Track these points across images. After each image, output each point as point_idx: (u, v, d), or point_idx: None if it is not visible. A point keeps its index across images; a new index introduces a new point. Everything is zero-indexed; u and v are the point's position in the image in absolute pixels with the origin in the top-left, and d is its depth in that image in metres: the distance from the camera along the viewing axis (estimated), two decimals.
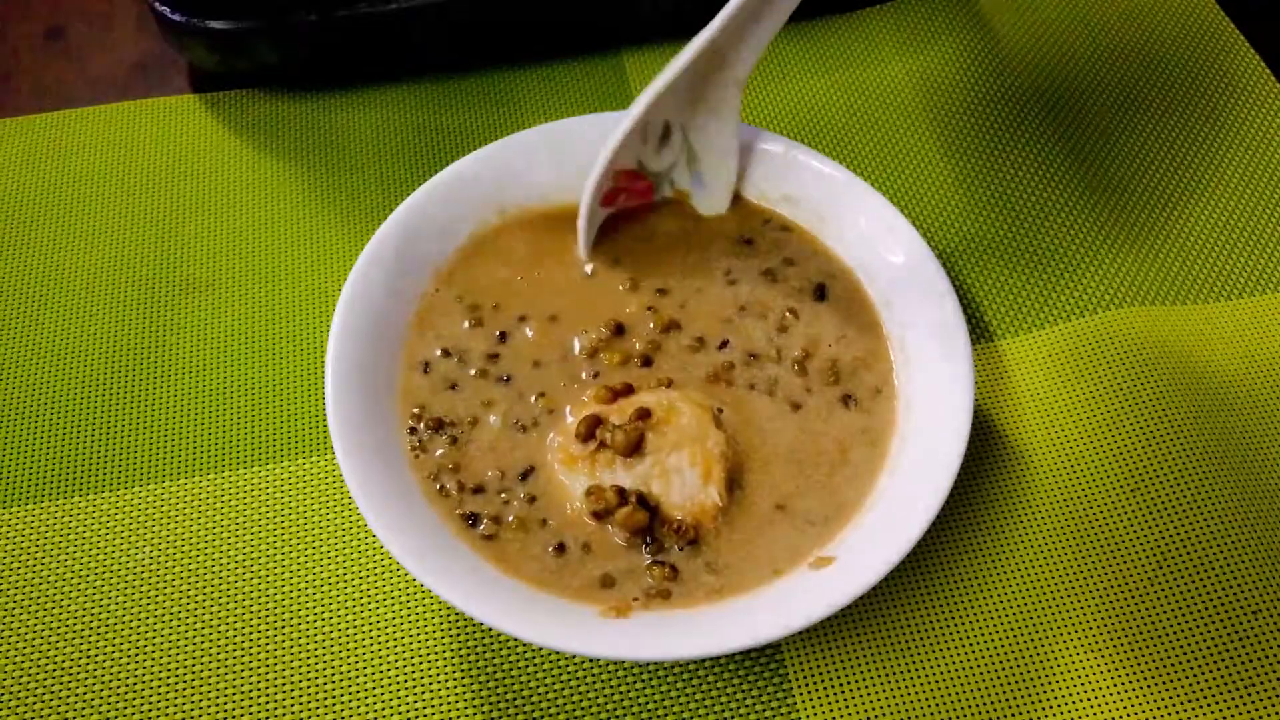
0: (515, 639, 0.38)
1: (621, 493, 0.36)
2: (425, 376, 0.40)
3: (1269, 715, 0.36)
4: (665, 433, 0.37)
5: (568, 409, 0.39)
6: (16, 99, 0.54)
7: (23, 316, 0.46)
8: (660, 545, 0.36)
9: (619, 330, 0.41)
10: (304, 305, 0.46)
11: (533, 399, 0.40)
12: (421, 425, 0.39)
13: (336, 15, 0.50)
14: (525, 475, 0.38)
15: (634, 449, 0.37)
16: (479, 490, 0.38)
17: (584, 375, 0.40)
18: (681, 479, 0.37)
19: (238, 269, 0.47)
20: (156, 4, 0.49)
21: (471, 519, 0.37)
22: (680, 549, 0.36)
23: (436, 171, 0.42)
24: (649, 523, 0.36)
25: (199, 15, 0.49)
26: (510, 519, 0.37)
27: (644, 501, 0.36)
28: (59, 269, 0.48)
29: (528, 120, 0.52)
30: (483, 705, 0.37)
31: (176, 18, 0.49)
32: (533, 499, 0.38)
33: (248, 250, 0.48)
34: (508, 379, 0.40)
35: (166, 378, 0.44)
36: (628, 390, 0.39)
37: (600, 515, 0.36)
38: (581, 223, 0.42)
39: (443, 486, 0.37)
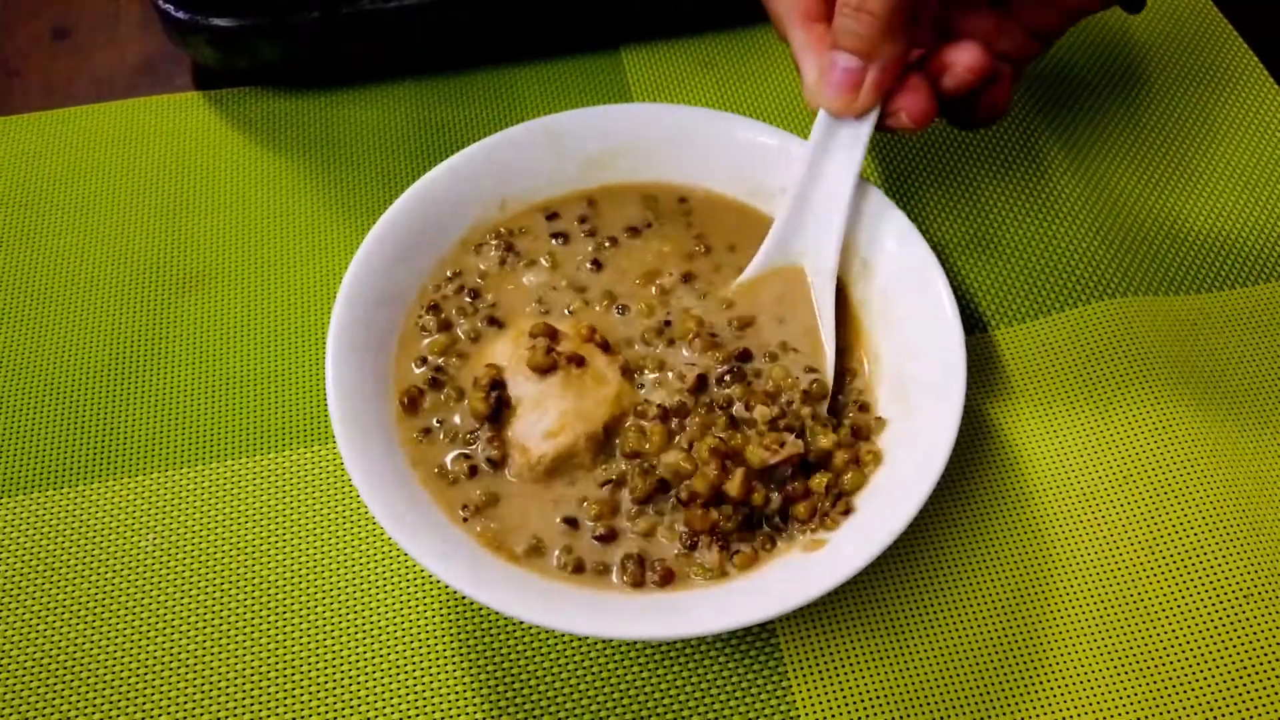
0: (516, 620, 0.38)
1: (495, 385, 0.39)
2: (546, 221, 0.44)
3: (1260, 698, 0.37)
4: (572, 384, 0.39)
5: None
6: (24, 97, 0.54)
7: (28, 308, 0.47)
8: (474, 441, 0.39)
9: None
10: (306, 297, 0.47)
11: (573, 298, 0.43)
12: (495, 241, 0.43)
13: (339, 13, 0.50)
14: (492, 320, 0.42)
15: (539, 370, 0.39)
16: (473, 296, 0.42)
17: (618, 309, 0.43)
18: (539, 420, 0.38)
19: (240, 262, 0.48)
20: (161, 2, 0.50)
21: (434, 308, 0.41)
22: (484, 456, 0.38)
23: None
24: (484, 417, 0.39)
25: (203, 13, 0.50)
26: (453, 331, 0.41)
27: (500, 405, 0.39)
28: (66, 262, 0.48)
29: (528, 116, 0.52)
30: (481, 688, 0.37)
31: (181, 15, 0.50)
32: (476, 337, 0.41)
33: (250, 244, 0.49)
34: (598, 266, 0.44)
35: (170, 368, 0.45)
36: (604, 345, 0.40)
37: (472, 384, 0.39)
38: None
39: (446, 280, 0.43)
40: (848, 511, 0.37)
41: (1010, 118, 0.52)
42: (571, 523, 0.37)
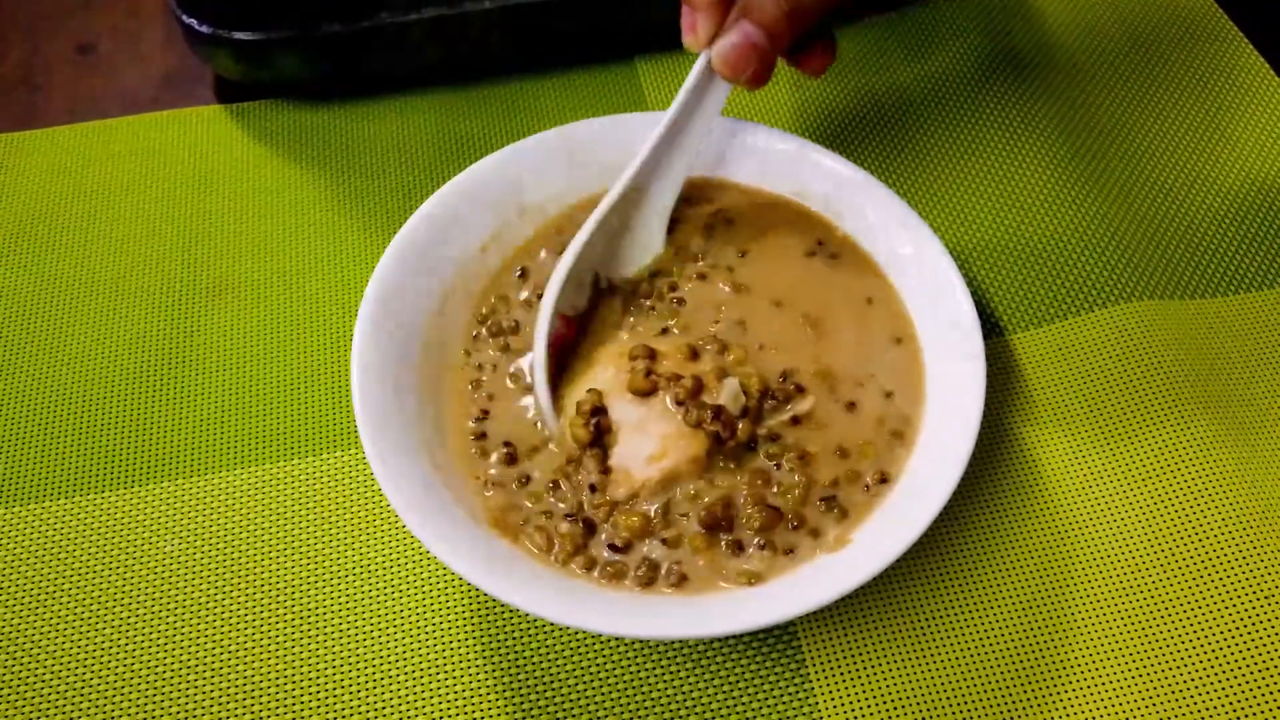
0: (541, 620, 0.39)
1: (596, 410, 0.38)
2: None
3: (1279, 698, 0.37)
4: (667, 414, 0.38)
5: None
6: (50, 112, 0.55)
7: (55, 319, 0.47)
8: (577, 465, 0.38)
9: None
10: (328, 305, 0.47)
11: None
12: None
13: (360, 26, 0.51)
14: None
15: (640, 394, 0.38)
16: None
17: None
18: (641, 445, 0.38)
19: (263, 272, 0.49)
20: (184, 16, 0.51)
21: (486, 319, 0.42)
22: (586, 483, 0.38)
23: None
24: (585, 444, 0.38)
25: (226, 27, 0.51)
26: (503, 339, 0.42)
27: (600, 430, 0.38)
28: (92, 273, 0.49)
29: (545, 127, 0.52)
30: (506, 690, 0.38)
31: (204, 30, 0.51)
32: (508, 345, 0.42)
33: (273, 254, 0.49)
34: None
35: (195, 377, 0.45)
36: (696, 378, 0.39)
37: (575, 410, 0.39)
38: (542, 390, 0.40)
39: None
40: (885, 480, 0.38)
41: (1023, 121, 0.53)
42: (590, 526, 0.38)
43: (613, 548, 0.37)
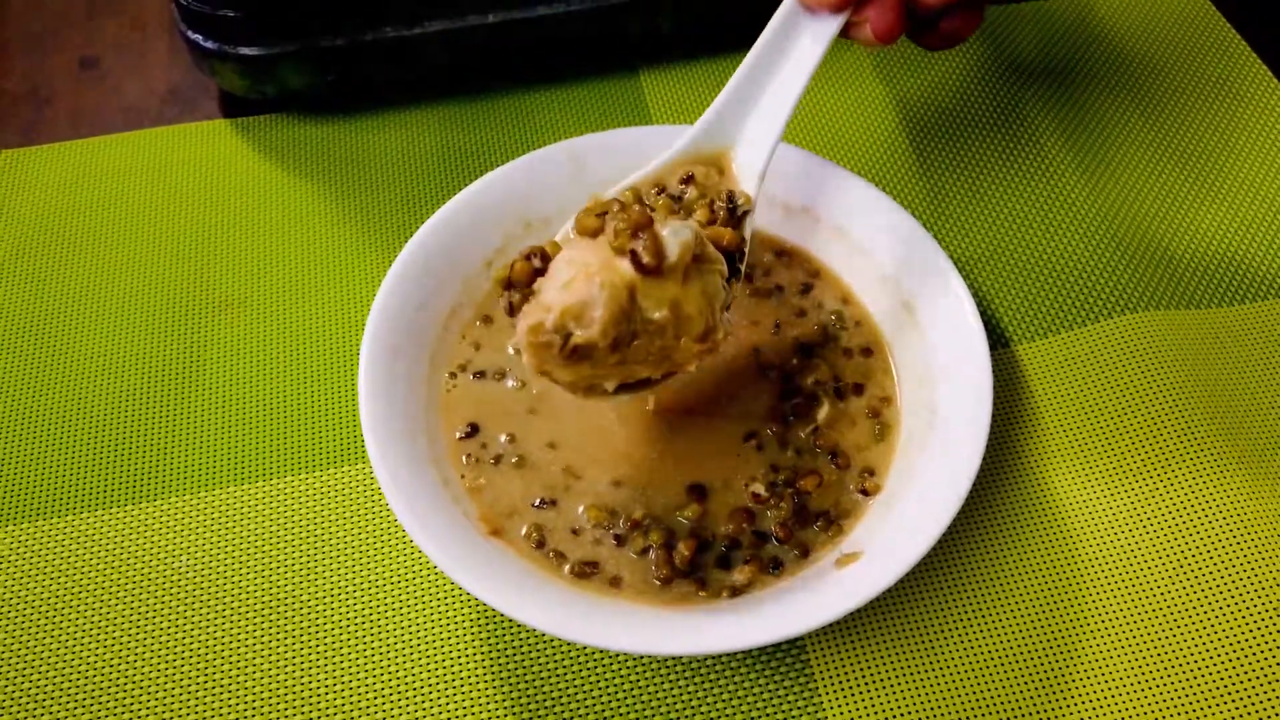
0: (546, 635, 0.38)
1: (534, 255, 0.35)
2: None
3: None
4: (602, 247, 0.33)
5: None
6: (53, 126, 0.55)
7: (61, 335, 0.47)
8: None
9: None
10: (335, 319, 0.47)
11: None
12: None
13: (364, 40, 0.51)
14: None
15: (591, 235, 0.34)
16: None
17: None
18: (562, 271, 0.33)
19: (270, 287, 0.49)
20: (189, 32, 0.51)
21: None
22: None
23: (460, 190, 0.43)
24: (525, 281, 0.34)
25: (230, 42, 0.51)
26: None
27: (536, 275, 0.34)
28: (96, 289, 0.49)
29: (549, 139, 0.53)
30: (513, 706, 0.38)
31: (209, 45, 0.51)
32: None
33: (279, 268, 0.49)
34: None
35: (201, 392, 0.45)
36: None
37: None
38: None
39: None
40: (866, 493, 0.39)
41: (1027, 132, 0.53)
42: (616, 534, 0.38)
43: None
